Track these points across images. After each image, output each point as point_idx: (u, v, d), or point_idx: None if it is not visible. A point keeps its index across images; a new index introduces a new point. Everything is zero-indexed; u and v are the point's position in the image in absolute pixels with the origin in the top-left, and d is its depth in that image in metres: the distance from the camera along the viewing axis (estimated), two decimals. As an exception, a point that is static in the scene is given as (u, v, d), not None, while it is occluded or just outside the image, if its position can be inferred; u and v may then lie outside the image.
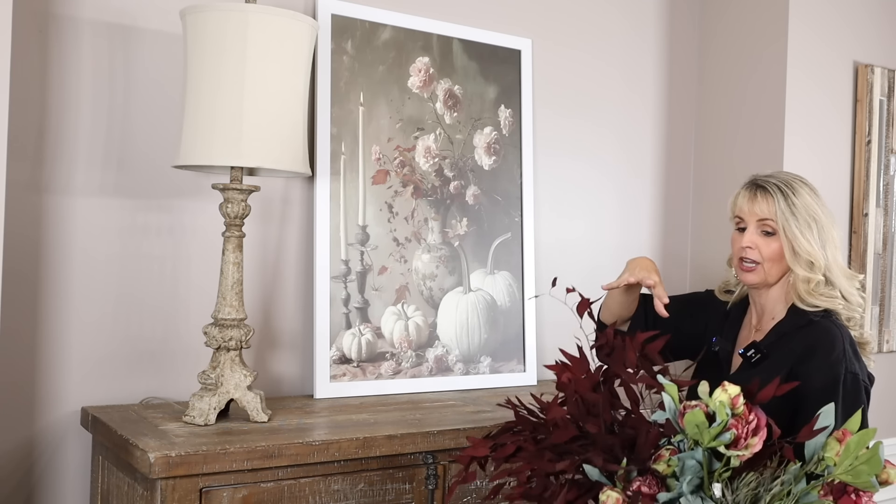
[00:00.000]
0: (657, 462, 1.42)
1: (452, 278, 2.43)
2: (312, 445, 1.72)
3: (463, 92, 2.47)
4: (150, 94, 2.07)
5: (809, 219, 1.80)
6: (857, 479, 1.36)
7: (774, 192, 1.82)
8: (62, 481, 1.98)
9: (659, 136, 2.96)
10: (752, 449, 1.37)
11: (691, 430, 1.38)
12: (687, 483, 1.39)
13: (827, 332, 1.75)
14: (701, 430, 1.37)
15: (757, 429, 1.38)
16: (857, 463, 1.36)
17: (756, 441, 1.37)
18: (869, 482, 1.35)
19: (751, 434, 1.38)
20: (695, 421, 1.38)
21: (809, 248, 1.79)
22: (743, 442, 1.37)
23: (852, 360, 1.73)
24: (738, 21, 2.90)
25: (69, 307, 1.99)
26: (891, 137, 2.99)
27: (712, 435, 1.37)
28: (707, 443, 1.38)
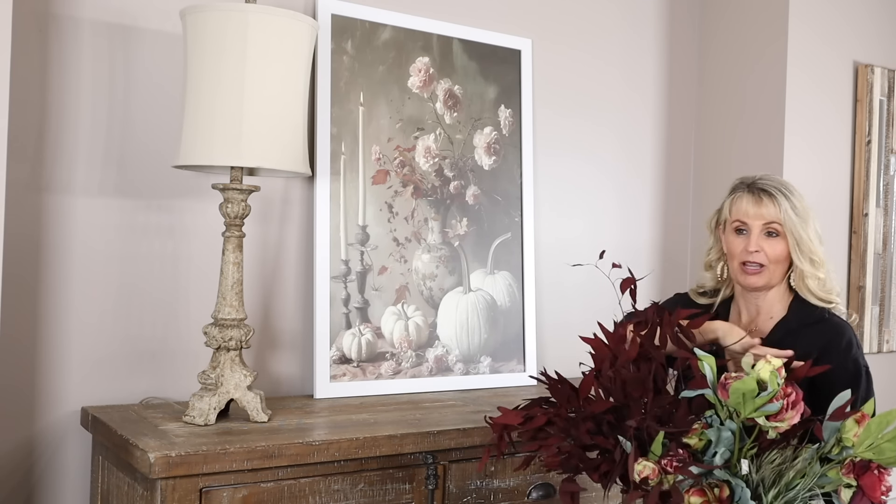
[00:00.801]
0: (690, 436, 1.46)
1: (452, 278, 2.43)
2: (312, 445, 1.72)
3: (463, 92, 2.47)
4: (150, 94, 2.07)
5: (807, 217, 1.85)
6: (881, 456, 1.40)
7: (778, 195, 1.85)
8: (62, 481, 1.98)
9: (659, 136, 2.96)
10: (789, 421, 1.41)
11: (735, 400, 1.41)
12: (720, 455, 1.43)
13: (841, 328, 1.81)
14: (746, 399, 1.41)
15: (795, 402, 1.42)
16: (881, 441, 1.39)
17: (794, 415, 1.41)
18: (893, 458, 1.39)
19: (790, 407, 1.42)
20: (743, 389, 1.41)
21: (812, 245, 1.84)
22: (784, 414, 1.41)
23: (862, 353, 1.80)
24: (738, 21, 2.90)
25: (69, 307, 1.99)
26: (891, 137, 2.99)
27: (756, 405, 1.40)
28: (748, 412, 1.41)
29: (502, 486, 1.97)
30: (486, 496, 1.95)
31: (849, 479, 1.41)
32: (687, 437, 1.46)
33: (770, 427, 1.43)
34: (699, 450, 1.46)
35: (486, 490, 1.95)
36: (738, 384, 1.41)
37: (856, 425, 1.43)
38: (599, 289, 2.03)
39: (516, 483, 1.99)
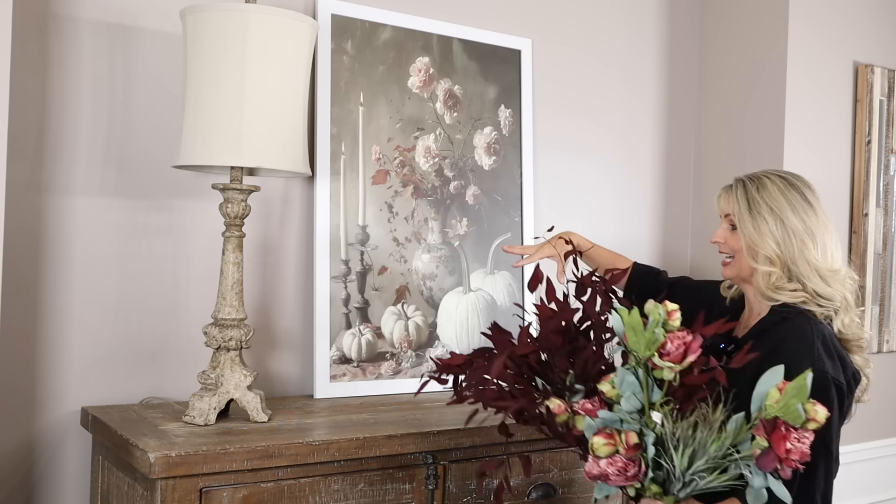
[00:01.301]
0: (603, 383, 1.54)
1: (452, 278, 2.43)
2: (312, 445, 1.72)
3: (463, 92, 2.47)
4: (150, 94, 2.07)
5: (769, 214, 1.79)
6: (787, 413, 1.44)
7: (737, 187, 1.84)
8: (62, 481, 1.98)
9: (659, 137, 2.96)
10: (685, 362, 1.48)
11: (631, 338, 1.50)
12: (626, 400, 1.50)
13: (797, 329, 1.73)
14: (637, 335, 1.49)
15: (691, 345, 1.49)
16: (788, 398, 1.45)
17: (691, 358, 1.48)
18: (797, 412, 1.43)
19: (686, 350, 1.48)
20: (632, 323, 1.49)
21: (763, 243, 1.78)
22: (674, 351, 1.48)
23: (821, 358, 1.69)
24: (738, 21, 2.90)
25: (69, 307, 1.99)
26: (891, 137, 2.99)
27: (648, 340, 1.48)
28: (643, 351, 1.49)
29: (502, 486, 1.97)
30: (486, 496, 1.95)
31: (762, 438, 1.46)
32: (600, 384, 1.54)
33: (665, 367, 1.48)
34: (614, 399, 1.52)
35: (487, 490, 1.95)
36: (628, 319, 1.49)
37: (777, 392, 1.47)
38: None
39: (516, 483, 1.99)
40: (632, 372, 1.51)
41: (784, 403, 1.45)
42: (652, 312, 1.50)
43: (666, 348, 1.49)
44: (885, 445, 3.05)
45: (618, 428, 1.50)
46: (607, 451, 1.49)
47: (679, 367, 1.48)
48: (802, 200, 1.81)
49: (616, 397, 1.52)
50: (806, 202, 1.82)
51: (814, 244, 1.79)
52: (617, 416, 1.51)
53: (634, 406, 1.50)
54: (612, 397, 1.53)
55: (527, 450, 2.02)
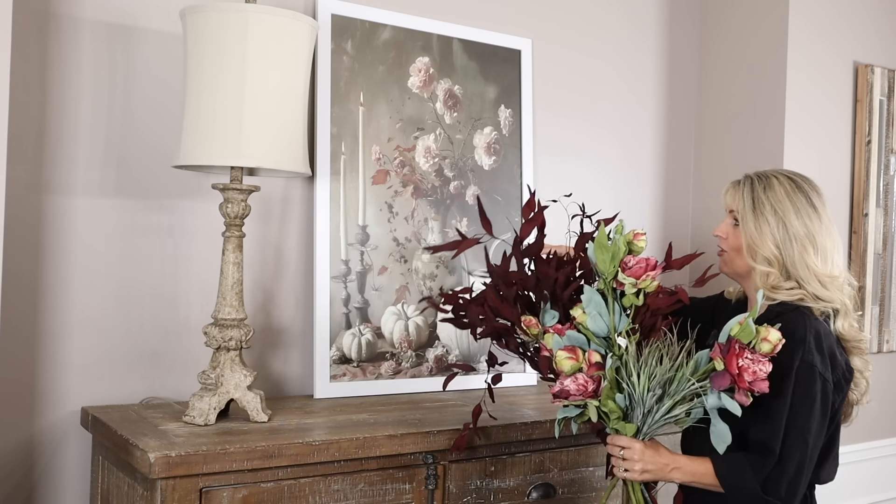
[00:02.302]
0: (575, 308, 1.64)
1: (452, 278, 2.43)
2: (312, 445, 1.72)
3: (463, 92, 2.47)
4: (150, 95, 2.07)
5: (771, 215, 1.79)
6: (741, 333, 1.54)
7: (744, 185, 1.84)
8: (62, 481, 1.98)
9: (659, 137, 2.96)
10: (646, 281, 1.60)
11: (599, 258, 1.61)
12: (591, 319, 1.60)
13: (791, 321, 1.71)
14: (603, 250, 1.60)
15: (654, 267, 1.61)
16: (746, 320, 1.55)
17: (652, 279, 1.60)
18: (749, 329, 1.53)
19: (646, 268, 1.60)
20: (600, 239, 1.61)
21: (762, 243, 1.78)
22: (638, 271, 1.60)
23: (811, 351, 1.69)
24: (738, 21, 2.90)
25: (69, 307, 1.99)
26: (891, 137, 2.99)
27: (612, 252, 1.60)
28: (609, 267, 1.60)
29: (502, 486, 1.97)
30: (486, 496, 1.95)
31: (718, 360, 1.54)
32: (572, 309, 1.64)
33: (627, 282, 1.59)
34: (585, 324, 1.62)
35: (486, 490, 1.95)
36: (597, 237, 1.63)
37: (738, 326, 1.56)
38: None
39: (516, 483, 1.99)
40: (599, 292, 1.61)
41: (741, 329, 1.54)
42: (616, 227, 1.62)
43: (629, 263, 1.59)
44: (885, 445, 3.05)
45: (584, 348, 1.59)
46: (570, 365, 1.58)
47: (640, 283, 1.58)
48: (808, 204, 1.81)
49: (586, 322, 1.61)
50: (811, 206, 1.81)
51: (814, 249, 1.78)
52: (584, 338, 1.60)
53: (601, 328, 1.60)
54: (583, 323, 1.61)
55: (527, 449, 2.02)
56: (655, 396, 1.56)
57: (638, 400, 1.57)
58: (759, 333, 1.55)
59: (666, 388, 1.56)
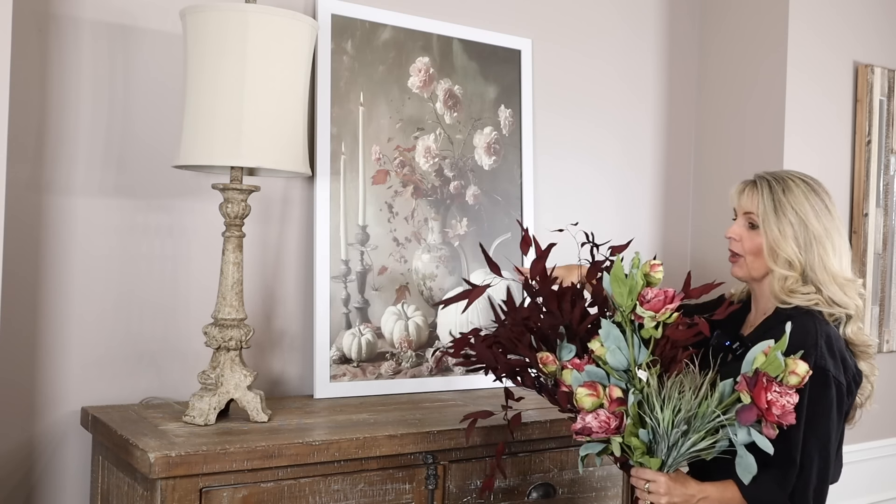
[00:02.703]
0: (592, 341, 1.59)
1: (452, 278, 2.43)
2: (312, 445, 1.72)
3: (463, 92, 2.47)
4: (150, 94, 2.07)
5: (793, 217, 1.78)
6: (768, 366, 1.50)
7: (762, 186, 1.82)
8: (62, 481, 1.98)
9: (659, 137, 2.96)
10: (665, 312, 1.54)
11: (616, 292, 1.57)
12: (611, 354, 1.55)
13: (801, 326, 1.71)
14: (620, 284, 1.56)
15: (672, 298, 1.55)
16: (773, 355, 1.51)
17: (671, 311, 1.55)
18: (777, 362, 1.48)
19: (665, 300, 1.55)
20: (616, 272, 1.57)
21: (786, 246, 1.77)
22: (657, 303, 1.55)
23: (824, 356, 1.68)
24: (738, 21, 2.90)
25: (69, 307, 1.99)
26: (891, 137, 2.99)
27: (630, 286, 1.55)
28: (626, 301, 1.55)
29: (502, 486, 1.97)
30: (487, 496, 1.95)
31: (744, 393, 1.49)
32: (590, 342, 1.60)
33: (647, 316, 1.53)
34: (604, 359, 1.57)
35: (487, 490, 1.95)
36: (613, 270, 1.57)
37: (763, 356, 1.52)
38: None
39: (516, 483, 1.99)
40: (617, 326, 1.57)
41: (768, 361, 1.50)
42: (633, 261, 1.58)
43: (647, 297, 1.54)
44: (885, 445, 3.05)
45: (604, 383, 1.54)
46: (591, 402, 1.53)
47: (660, 316, 1.53)
48: (824, 207, 1.82)
49: (604, 357, 1.56)
50: (826, 209, 1.82)
51: (833, 251, 1.78)
52: (604, 372, 1.55)
53: (620, 362, 1.55)
54: (601, 356, 1.57)
55: (527, 449, 2.02)
56: (680, 431, 1.51)
57: (662, 434, 1.52)
58: (787, 366, 1.51)
59: (691, 423, 1.51)
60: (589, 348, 1.60)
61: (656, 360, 1.56)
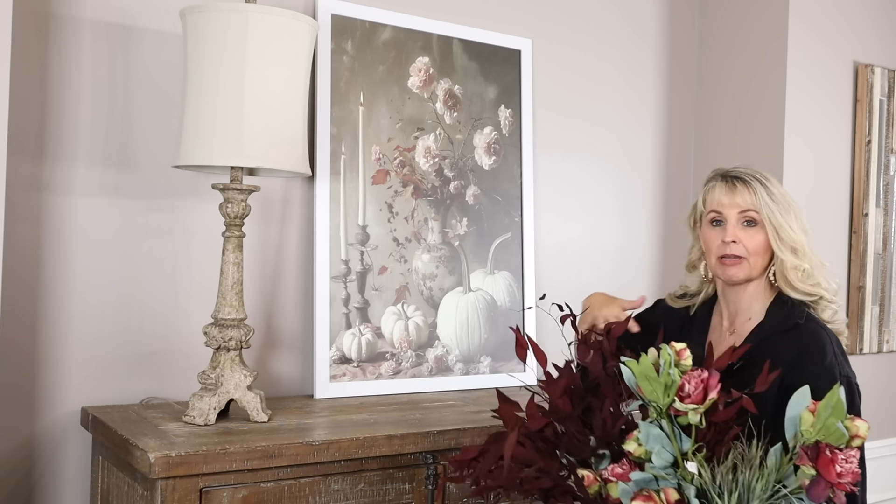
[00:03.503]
0: (628, 442, 1.43)
1: (452, 278, 2.43)
2: (312, 445, 1.72)
3: (463, 92, 2.47)
4: (150, 94, 2.07)
5: (787, 206, 1.75)
6: (828, 436, 1.35)
7: (753, 182, 1.76)
8: (62, 481, 1.98)
9: (659, 137, 2.96)
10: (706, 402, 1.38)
11: (646, 389, 1.39)
12: (656, 455, 1.39)
13: (816, 335, 1.67)
14: (652, 383, 1.39)
15: (710, 383, 1.39)
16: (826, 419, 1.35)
17: (713, 395, 1.38)
18: (839, 432, 1.34)
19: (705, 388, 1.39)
20: (643, 371, 1.39)
21: (794, 234, 1.73)
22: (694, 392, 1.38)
23: (843, 363, 1.65)
24: (738, 21, 2.90)
25: (69, 307, 1.99)
26: (891, 137, 2.99)
27: (665, 384, 1.38)
28: (662, 399, 1.38)
29: (502, 486, 1.97)
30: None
31: (807, 467, 1.36)
32: (625, 443, 1.43)
33: (689, 410, 1.38)
34: (644, 457, 1.42)
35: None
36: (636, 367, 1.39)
37: (811, 415, 1.38)
38: (600, 289, 2.03)
39: (516, 483, 1.99)
40: (656, 424, 1.41)
41: (822, 425, 1.35)
42: (661, 355, 1.41)
43: (685, 390, 1.39)
44: (886, 445, 3.04)
45: (654, 488, 1.40)
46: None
47: (703, 407, 1.39)
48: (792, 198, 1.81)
49: (645, 455, 1.42)
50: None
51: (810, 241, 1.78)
52: (650, 475, 1.41)
53: (667, 460, 1.40)
54: (641, 455, 1.42)
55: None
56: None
57: None
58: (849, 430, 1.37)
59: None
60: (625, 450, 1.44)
61: (701, 447, 1.42)
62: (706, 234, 1.80)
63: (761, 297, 1.77)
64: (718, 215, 1.77)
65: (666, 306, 1.96)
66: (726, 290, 1.82)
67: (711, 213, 1.78)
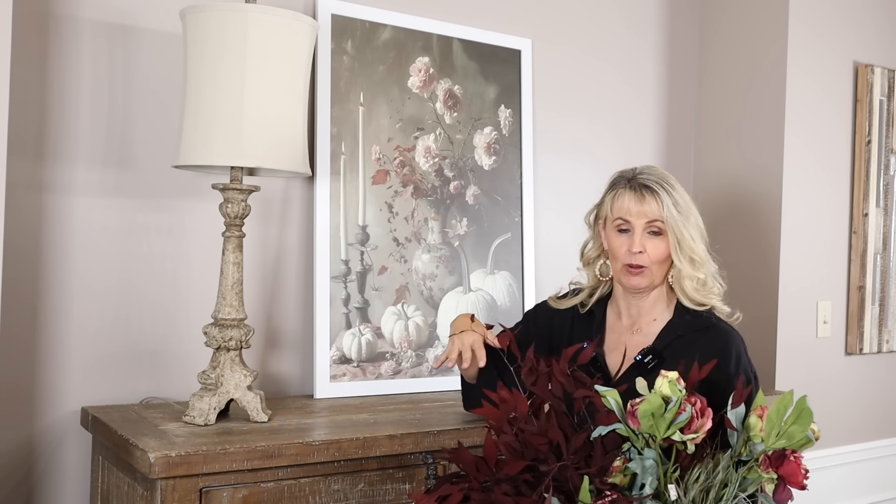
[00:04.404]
0: (612, 475, 1.41)
1: (452, 278, 2.43)
2: (312, 445, 1.72)
3: (463, 92, 2.47)
4: (150, 94, 2.07)
5: (688, 214, 1.76)
6: (791, 442, 1.38)
7: (660, 191, 1.75)
8: (62, 481, 1.98)
9: (659, 137, 2.96)
10: (703, 430, 1.39)
11: (646, 423, 1.39)
12: (649, 485, 1.39)
13: (729, 337, 1.72)
14: (656, 418, 1.38)
15: (703, 409, 1.40)
16: (787, 426, 1.37)
17: (705, 421, 1.40)
18: (805, 438, 1.37)
19: (700, 415, 1.40)
20: (651, 409, 1.38)
21: (693, 244, 1.75)
22: (696, 423, 1.39)
23: (750, 361, 1.72)
24: (738, 21, 2.90)
25: (69, 307, 1.99)
26: (891, 137, 2.99)
27: (668, 420, 1.38)
28: (663, 432, 1.38)
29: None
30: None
31: (769, 473, 1.39)
32: (610, 475, 1.41)
33: (687, 440, 1.39)
34: (626, 486, 1.42)
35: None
36: (644, 406, 1.39)
37: (759, 420, 1.41)
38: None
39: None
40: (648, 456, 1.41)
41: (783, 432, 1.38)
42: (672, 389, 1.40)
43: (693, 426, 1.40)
44: (885, 445, 3.05)
45: None
46: None
47: (700, 435, 1.40)
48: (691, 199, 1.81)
49: (627, 485, 1.42)
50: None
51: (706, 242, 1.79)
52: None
53: (654, 486, 1.40)
54: (624, 486, 1.42)
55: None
56: None
57: None
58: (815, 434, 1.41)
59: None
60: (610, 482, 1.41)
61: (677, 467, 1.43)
62: (612, 239, 1.80)
63: (664, 298, 1.83)
64: (625, 223, 1.77)
65: (549, 308, 1.95)
66: (627, 294, 1.83)
67: (618, 221, 1.78)
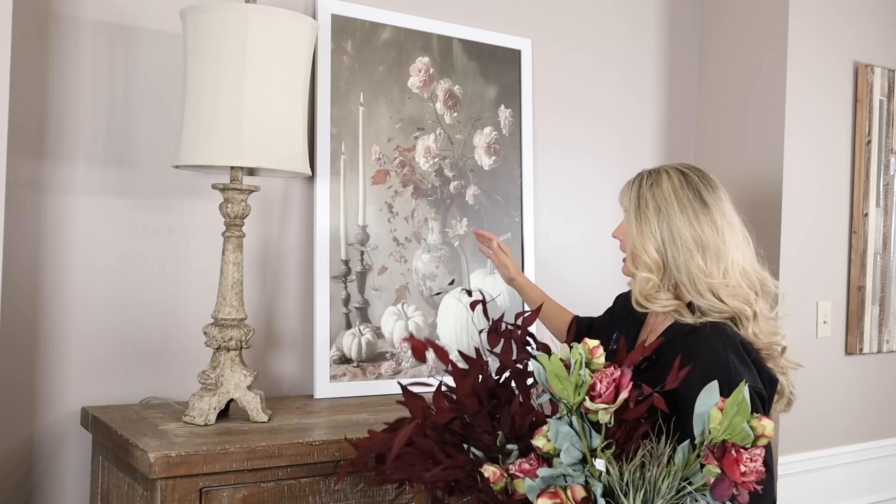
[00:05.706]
0: (537, 438, 1.40)
1: (452, 278, 2.43)
2: (312, 445, 1.72)
3: (463, 92, 2.47)
4: (150, 94, 2.07)
5: (654, 213, 1.62)
6: (734, 435, 1.34)
7: (634, 180, 1.68)
8: (62, 481, 1.98)
9: (659, 137, 2.96)
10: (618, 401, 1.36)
11: (556, 386, 1.37)
12: (565, 453, 1.37)
13: (706, 341, 1.56)
14: (563, 381, 1.36)
15: (622, 381, 1.37)
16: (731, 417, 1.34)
17: (624, 395, 1.36)
18: (744, 433, 1.33)
19: (617, 387, 1.37)
20: (554, 370, 1.36)
21: (642, 245, 1.62)
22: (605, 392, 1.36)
23: (738, 372, 1.52)
24: (738, 21, 2.90)
25: (69, 307, 1.99)
26: (891, 137, 2.99)
27: (575, 384, 1.36)
28: (574, 398, 1.36)
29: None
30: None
31: (713, 466, 1.35)
32: (534, 438, 1.40)
33: (600, 409, 1.36)
34: (553, 453, 1.40)
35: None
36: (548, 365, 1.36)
37: (720, 413, 1.36)
38: (600, 289, 2.03)
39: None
40: (566, 421, 1.38)
41: (728, 424, 1.35)
42: (572, 354, 1.38)
43: (596, 389, 1.37)
44: (885, 445, 3.05)
45: (562, 484, 1.38)
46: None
47: (613, 406, 1.37)
48: (695, 200, 1.62)
49: (553, 451, 1.40)
50: (700, 202, 1.62)
51: (702, 253, 1.59)
52: (559, 472, 1.38)
53: (575, 457, 1.37)
54: (549, 451, 1.40)
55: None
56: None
57: None
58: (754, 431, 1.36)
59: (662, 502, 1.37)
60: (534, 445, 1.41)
61: (610, 444, 1.39)
62: None
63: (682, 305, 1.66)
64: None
65: (621, 297, 1.94)
66: None
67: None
